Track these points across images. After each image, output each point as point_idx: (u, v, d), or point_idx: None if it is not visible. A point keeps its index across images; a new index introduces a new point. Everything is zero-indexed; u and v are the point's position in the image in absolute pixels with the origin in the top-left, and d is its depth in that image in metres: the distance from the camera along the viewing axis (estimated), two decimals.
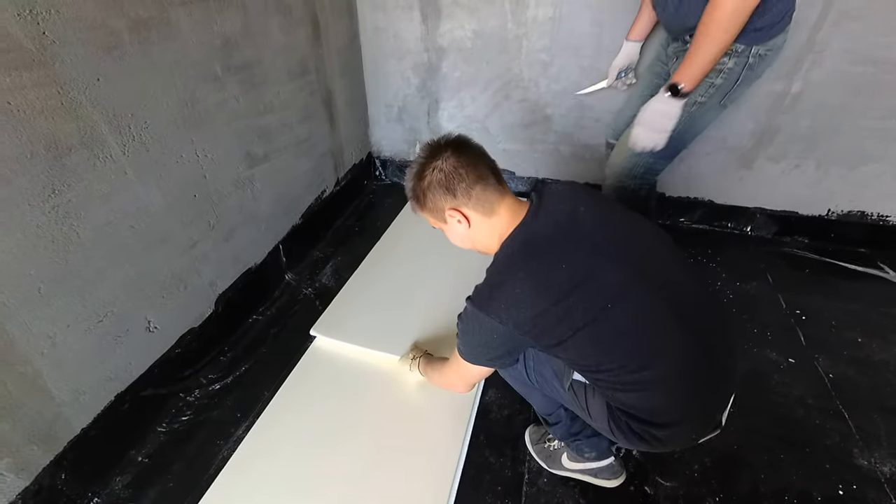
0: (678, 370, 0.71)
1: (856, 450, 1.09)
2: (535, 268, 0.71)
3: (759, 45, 1.04)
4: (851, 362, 1.30)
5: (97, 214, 0.93)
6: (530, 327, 0.71)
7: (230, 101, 1.23)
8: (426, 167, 0.80)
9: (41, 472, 0.90)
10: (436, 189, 0.79)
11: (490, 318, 0.72)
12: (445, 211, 0.80)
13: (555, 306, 0.69)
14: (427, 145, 0.82)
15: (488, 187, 0.78)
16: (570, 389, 0.83)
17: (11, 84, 0.74)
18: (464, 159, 0.78)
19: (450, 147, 0.79)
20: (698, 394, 0.74)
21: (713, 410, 0.78)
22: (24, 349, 0.84)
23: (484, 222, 0.80)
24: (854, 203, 1.68)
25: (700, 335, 0.73)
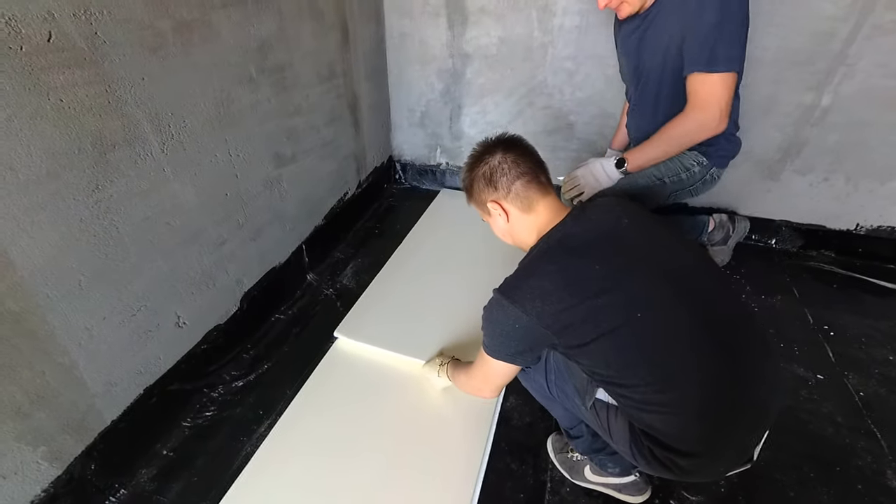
0: (708, 396, 0.69)
1: (889, 471, 1.06)
2: (567, 264, 0.72)
3: (718, 168, 1.33)
4: (883, 381, 1.27)
5: (136, 210, 0.95)
6: (553, 321, 0.70)
7: (263, 102, 1.25)
8: (478, 161, 0.85)
9: (73, 462, 0.92)
10: (480, 181, 0.84)
11: (515, 306, 0.72)
12: (487, 203, 0.85)
13: (581, 304, 0.68)
14: (482, 142, 0.88)
15: (530, 184, 0.82)
16: (591, 408, 0.81)
17: (64, 82, 0.77)
18: (511, 156, 0.82)
19: (501, 144, 0.85)
20: (729, 425, 0.70)
21: (745, 445, 0.74)
22: (63, 340, 0.85)
23: (522, 218, 0.83)
24: (884, 218, 1.65)
25: (738, 364, 0.70)
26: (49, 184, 0.78)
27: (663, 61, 1.20)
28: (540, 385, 0.91)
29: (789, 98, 1.53)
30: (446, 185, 2.18)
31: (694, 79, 1.13)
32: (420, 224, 1.87)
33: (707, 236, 1.59)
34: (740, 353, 0.72)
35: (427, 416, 1.16)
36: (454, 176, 2.15)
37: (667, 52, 1.17)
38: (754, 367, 0.73)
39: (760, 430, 0.76)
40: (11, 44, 0.69)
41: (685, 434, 0.71)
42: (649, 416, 0.72)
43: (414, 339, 1.30)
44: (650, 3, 1.19)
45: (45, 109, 0.76)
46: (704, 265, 0.79)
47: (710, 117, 1.14)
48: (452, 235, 1.78)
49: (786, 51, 1.46)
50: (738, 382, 0.71)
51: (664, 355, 0.69)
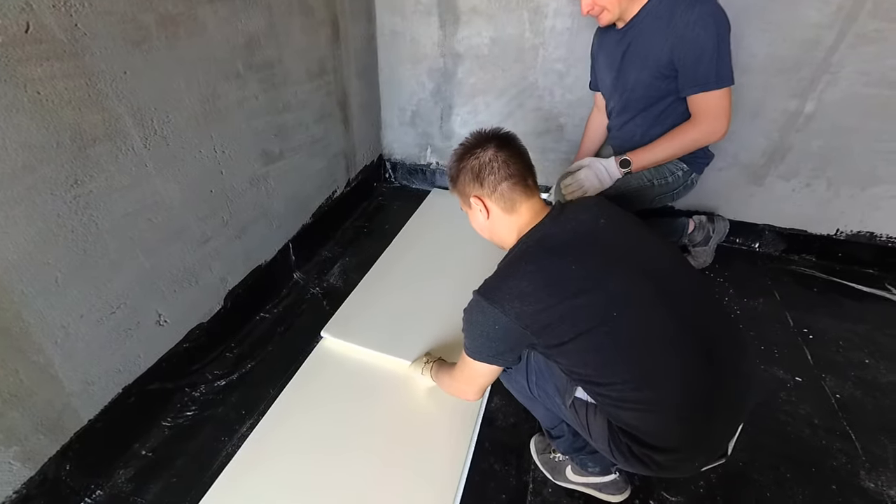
0: (684, 394, 0.70)
1: (862, 472, 1.08)
2: (545, 265, 0.73)
3: (697, 174, 1.40)
4: (859, 383, 1.30)
5: (117, 206, 0.93)
6: (532, 321, 0.71)
7: (250, 98, 1.23)
8: (468, 153, 0.84)
9: (47, 462, 0.90)
10: (468, 174, 0.84)
11: (493, 307, 0.72)
12: (470, 197, 0.85)
13: (560, 304, 0.69)
14: (476, 133, 0.86)
15: (516, 186, 0.82)
16: (571, 407, 0.82)
17: (42, 74, 0.75)
18: (502, 154, 0.82)
19: (494, 140, 0.84)
20: (705, 421, 0.72)
21: (720, 439, 0.76)
22: (39, 338, 0.84)
23: (503, 218, 0.84)
24: (864, 224, 1.68)
25: (714, 362, 0.72)
26: (25, 178, 0.77)
27: (651, 75, 1.24)
28: (521, 386, 0.91)
29: (775, 104, 1.55)
30: (437, 184, 2.18)
31: (704, 96, 1.19)
32: (410, 224, 1.86)
33: (688, 237, 1.62)
34: (717, 351, 0.73)
35: (411, 417, 1.16)
36: (445, 176, 2.13)
37: (655, 66, 1.22)
38: (731, 366, 0.74)
39: (735, 425, 0.77)
40: None
41: (663, 431, 0.72)
42: (627, 413, 0.73)
43: (401, 340, 1.30)
44: (631, 17, 1.23)
45: (22, 102, 0.74)
46: (682, 266, 0.80)
47: (720, 127, 1.21)
48: (442, 236, 1.78)
49: (773, 58, 1.48)
50: (715, 380, 0.72)
51: (641, 353, 0.70)
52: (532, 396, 0.91)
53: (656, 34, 1.19)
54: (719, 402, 0.72)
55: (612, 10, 1.21)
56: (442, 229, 1.82)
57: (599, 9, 1.21)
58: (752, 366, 0.81)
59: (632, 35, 1.25)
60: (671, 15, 1.15)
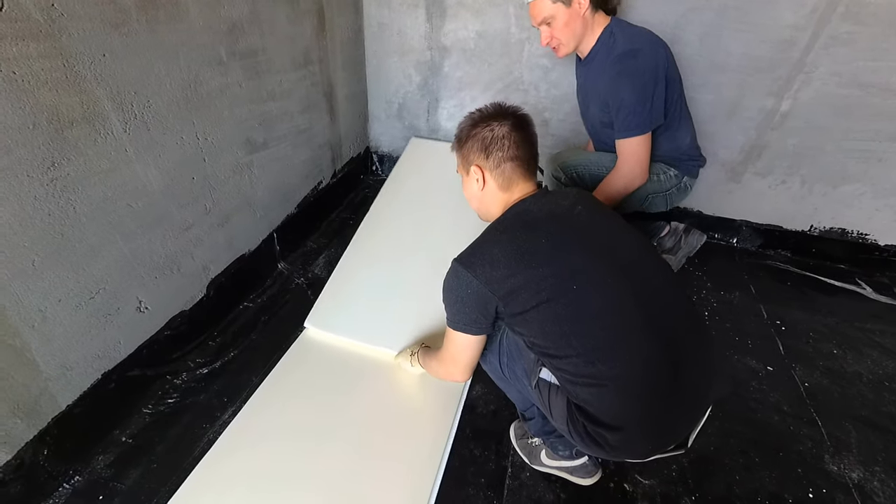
0: (637, 373, 0.73)
1: (826, 456, 1.13)
2: (518, 235, 0.77)
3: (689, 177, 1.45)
4: (826, 373, 1.35)
5: (95, 190, 0.92)
6: (499, 286, 0.75)
7: (233, 86, 1.23)
8: (484, 122, 0.86)
9: (24, 447, 0.89)
10: (477, 142, 0.85)
11: (467, 271, 0.77)
12: (472, 164, 0.87)
13: (525, 271, 0.73)
14: (498, 105, 0.88)
15: (518, 169, 0.85)
16: (535, 387, 0.85)
17: (17, 53, 0.74)
18: (516, 135, 0.84)
19: (512, 118, 0.85)
20: (656, 403, 0.74)
21: (675, 426, 0.78)
22: (15, 321, 0.83)
23: (497, 194, 0.87)
24: (835, 220, 1.74)
25: (672, 348, 0.74)
26: (0, 159, 0.76)
27: (600, 109, 1.35)
28: (495, 367, 0.94)
29: (752, 102, 1.59)
30: None
31: (622, 142, 1.29)
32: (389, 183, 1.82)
33: (658, 240, 1.64)
34: (676, 338, 0.76)
35: (393, 404, 1.17)
36: None
37: (600, 103, 1.33)
38: (690, 354, 0.77)
39: (694, 416, 0.80)
40: None
41: (613, 408, 0.75)
42: (581, 389, 0.75)
43: (383, 328, 1.31)
44: (587, 51, 1.31)
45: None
46: (651, 257, 0.83)
47: (635, 172, 1.31)
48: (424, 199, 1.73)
49: (749, 57, 1.52)
50: (672, 365, 0.74)
51: (596, 329, 0.73)
52: (505, 378, 0.94)
53: (601, 74, 1.28)
54: (675, 390, 0.75)
55: (567, 44, 1.28)
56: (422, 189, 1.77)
57: (556, 42, 1.28)
58: (715, 359, 0.83)
59: (587, 69, 1.35)
60: (607, 59, 1.25)
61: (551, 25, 1.24)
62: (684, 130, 1.38)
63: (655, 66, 1.22)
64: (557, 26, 1.24)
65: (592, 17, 1.25)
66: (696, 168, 1.46)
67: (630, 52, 1.21)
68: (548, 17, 1.23)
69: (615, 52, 1.23)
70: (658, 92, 1.23)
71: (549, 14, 1.22)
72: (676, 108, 1.32)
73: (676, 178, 1.43)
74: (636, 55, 1.21)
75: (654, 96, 1.23)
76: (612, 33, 1.25)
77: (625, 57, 1.21)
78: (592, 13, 1.25)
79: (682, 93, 1.34)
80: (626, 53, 1.21)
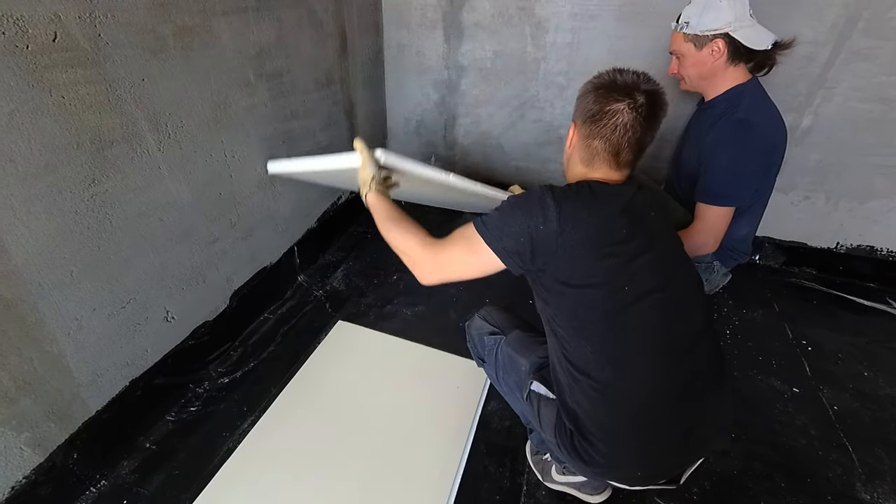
0: (641, 395, 0.72)
1: (858, 483, 1.08)
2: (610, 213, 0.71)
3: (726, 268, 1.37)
4: (856, 395, 1.30)
5: (130, 205, 0.98)
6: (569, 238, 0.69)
7: (260, 106, 1.29)
8: (616, 90, 0.74)
9: (55, 450, 0.93)
10: (593, 107, 0.75)
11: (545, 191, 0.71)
12: (574, 120, 0.81)
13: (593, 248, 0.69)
14: (638, 75, 0.76)
15: (611, 157, 0.76)
16: (527, 399, 0.84)
17: (67, 80, 0.80)
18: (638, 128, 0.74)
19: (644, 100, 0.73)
20: (650, 431, 0.73)
21: (667, 463, 0.77)
22: (53, 329, 0.88)
23: (577, 163, 0.81)
24: (863, 237, 1.69)
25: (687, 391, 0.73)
26: (47, 176, 0.81)
27: (690, 157, 1.26)
28: (493, 379, 0.97)
29: None
30: None
31: (703, 207, 1.18)
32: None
33: None
34: (693, 374, 0.74)
35: (408, 418, 1.18)
36: None
37: (695, 154, 1.23)
38: (701, 394, 0.75)
39: (689, 457, 0.78)
40: (18, 42, 0.73)
41: (605, 419, 0.73)
42: (581, 389, 0.73)
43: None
44: (710, 98, 1.22)
45: (47, 105, 0.79)
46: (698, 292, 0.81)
47: (704, 243, 1.21)
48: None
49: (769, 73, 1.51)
50: (678, 400, 0.73)
51: (623, 337, 0.72)
52: (505, 391, 0.96)
53: (711, 127, 1.17)
54: (679, 427, 0.74)
55: (690, 82, 1.22)
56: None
57: (680, 76, 1.24)
58: (724, 403, 0.79)
59: (704, 115, 1.25)
60: (724, 115, 1.14)
61: (680, 60, 1.20)
62: (747, 220, 1.28)
63: (766, 149, 1.14)
64: (686, 64, 1.19)
65: (727, 68, 1.14)
66: (734, 262, 1.37)
67: (748, 123, 1.10)
68: (678, 52, 1.19)
69: (735, 115, 1.12)
70: (756, 175, 1.15)
71: (679, 49, 1.18)
72: (758, 197, 1.24)
73: (710, 256, 1.34)
74: (753, 129, 1.10)
75: (750, 176, 1.14)
76: (742, 93, 1.15)
77: (742, 124, 1.11)
78: (729, 64, 1.14)
79: (768, 192, 1.26)
80: (744, 122, 1.10)
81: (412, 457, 1.08)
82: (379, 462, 1.07)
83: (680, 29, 1.15)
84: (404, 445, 1.11)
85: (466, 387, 1.26)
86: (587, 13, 1.61)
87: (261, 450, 1.08)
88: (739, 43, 1.09)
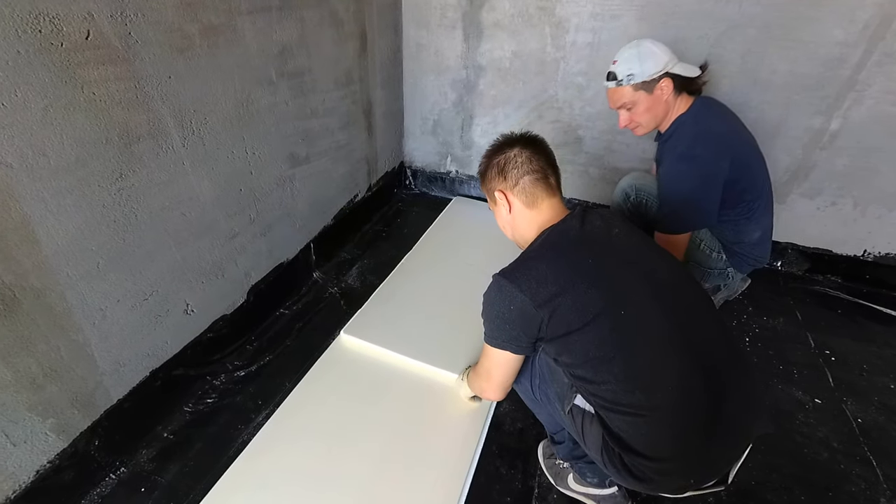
0: (677, 405, 0.71)
1: (883, 499, 1.05)
2: (566, 251, 0.78)
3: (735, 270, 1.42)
4: (882, 409, 1.25)
5: (155, 200, 1.00)
6: (545, 302, 0.73)
7: (280, 104, 1.31)
8: (497, 151, 0.90)
9: (78, 436, 0.96)
10: (494, 168, 0.89)
11: (511, 285, 0.75)
12: (495, 191, 0.90)
13: (572, 289, 0.72)
14: (506, 134, 0.93)
15: (538, 182, 0.86)
16: (569, 413, 0.82)
17: (98, 77, 0.83)
18: (526, 152, 0.87)
19: (521, 140, 0.89)
20: (695, 437, 0.72)
21: (716, 460, 0.75)
22: (79, 318, 0.90)
23: (524, 212, 0.88)
24: (892, 245, 1.63)
25: (712, 379, 0.72)
26: (77, 170, 0.84)
27: None
28: (526, 388, 0.93)
29: (798, 122, 1.54)
30: (456, 192, 2.22)
31: (657, 235, 1.29)
32: (431, 230, 1.90)
33: None
34: (717, 368, 0.73)
35: (421, 417, 1.18)
36: (464, 184, 2.19)
37: None
38: (732, 385, 0.74)
39: (735, 449, 0.76)
40: (53, 40, 0.75)
41: (653, 440, 0.72)
42: (619, 417, 0.73)
43: (418, 343, 1.33)
44: (665, 129, 1.28)
45: (79, 101, 0.81)
46: (688, 282, 0.82)
47: None
48: (462, 243, 1.81)
49: (795, 75, 1.47)
50: (714, 397, 0.72)
51: (638, 355, 0.72)
52: (537, 400, 0.93)
53: (665, 157, 1.27)
54: (716, 423, 0.72)
55: (647, 126, 1.28)
56: (462, 236, 1.86)
57: (635, 125, 1.28)
58: (756, 389, 0.79)
59: (663, 146, 1.31)
60: (674, 148, 1.23)
61: (631, 110, 1.24)
62: (754, 226, 1.31)
63: (708, 175, 1.20)
64: (638, 111, 1.23)
65: (676, 100, 1.24)
66: (750, 267, 1.41)
67: (687, 157, 1.19)
68: (627, 104, 1.23)
69: (678, 149, 1.21)
70: (707, 198, 1.21)
71: (629, 101, 1.23)
72: (746, 204, 1.27)
73: (723, 263, 1.39)
74: (692, 161, 1.19)
75: (703, 200, 1.21)
76: (684, 123, 1.23)
77: (681, 160, 1.20)
78: (676, 96, 1.23)
79: (762, 193, 1.29)
80: (682, 157, 1.20)
81: (424, 456, 1.08)
82: (390, 459, 1.07)
83: (626, 83, 1.21)
84: (416, 444, 1.11)
85: None
86: (609, 13, 1.59)
87: (274, 443, 1.09)
88: (679, 76, 1.21)
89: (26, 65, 0.73)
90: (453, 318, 1.42)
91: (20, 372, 0.82)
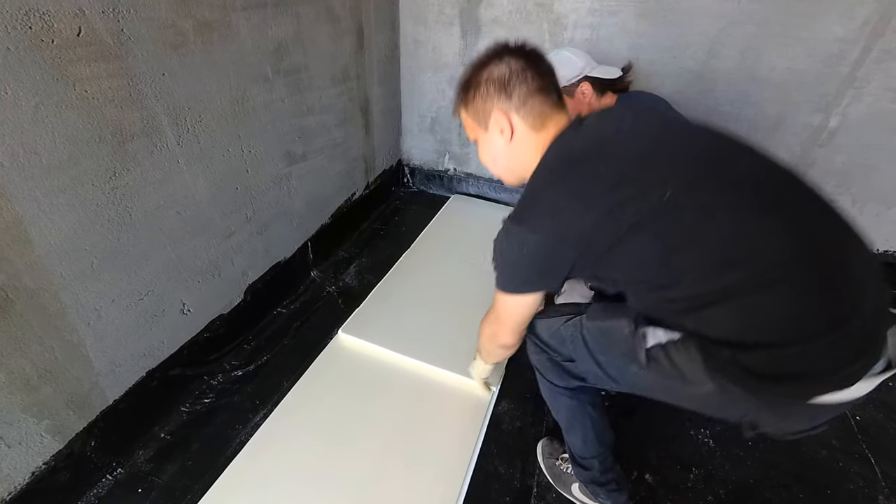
0: (779, 271, 0.55)
1: (881, 497, 1.05)
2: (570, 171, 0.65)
3: None
4: (881, 407, 1.26)
5: (149, 199, 0.99)
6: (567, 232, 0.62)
7: (277, 101, 1.29)
8: (494, 60, 0.72)
9: (74, 438, 0.95)
10: (492, 85, 0.71)
11: (520, 228, 0.65)
12: (492, 113, 0.72)
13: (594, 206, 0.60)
14: (501, 43, 0.73)
15: (547, 101, 0.71)
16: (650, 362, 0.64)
17: (90, 74, 0.81)
18: (533, 66, 0.71)
19: (523, 54, 0.71)
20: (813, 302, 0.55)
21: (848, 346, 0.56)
22: (73, 319, 0.89)
23: (530, 137, 0.72)
24: (890, 243, 1.64)
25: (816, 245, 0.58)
26: (70, 169, 0.83)
27: None
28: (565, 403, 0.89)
29: (796, 118, 1.54)
30: (454, 190, 2.21)
31: None
32: (430, 228, 1.89)
33: None
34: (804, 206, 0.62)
35: (420, 415, 1.18)
36: (462, 182, 2.18)
37: None
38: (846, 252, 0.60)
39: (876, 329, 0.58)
40: (44, 37, 0.74)
41: (764, 319, 0.56)
42: (721, 315, 0.58)
43: (417, 342, 1.32)
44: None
45: (71, 99, 0.80)
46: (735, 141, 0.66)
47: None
48: (462, 240, 1.81)
49: (794, 72, 1.47)
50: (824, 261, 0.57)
51: (710, 232, 0.58)
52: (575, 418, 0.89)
53: None
54: (832, 278, 0.57)
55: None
56: (460, 234, 1.85)
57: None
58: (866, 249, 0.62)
59: None
60: None
61: None
62: None
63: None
64: None
65: (599, 101, 1.27)
66: None
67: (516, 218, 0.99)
68: None
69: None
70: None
71: None
72: None
73: None
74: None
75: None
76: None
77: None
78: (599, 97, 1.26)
79: None
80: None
81: (423, 454, 1.08)
82: (388, 458, 1.07)
83: None
84: (415, 443, 1.11)
85: None
86: (607, 9, 1.58)
87: (272, 442, 1.09)
88: (598, 79, 1.26)
89: (16, 62, 0.72)
90: (452, 316, 1.42)
91: (14, 373, 0.81)
